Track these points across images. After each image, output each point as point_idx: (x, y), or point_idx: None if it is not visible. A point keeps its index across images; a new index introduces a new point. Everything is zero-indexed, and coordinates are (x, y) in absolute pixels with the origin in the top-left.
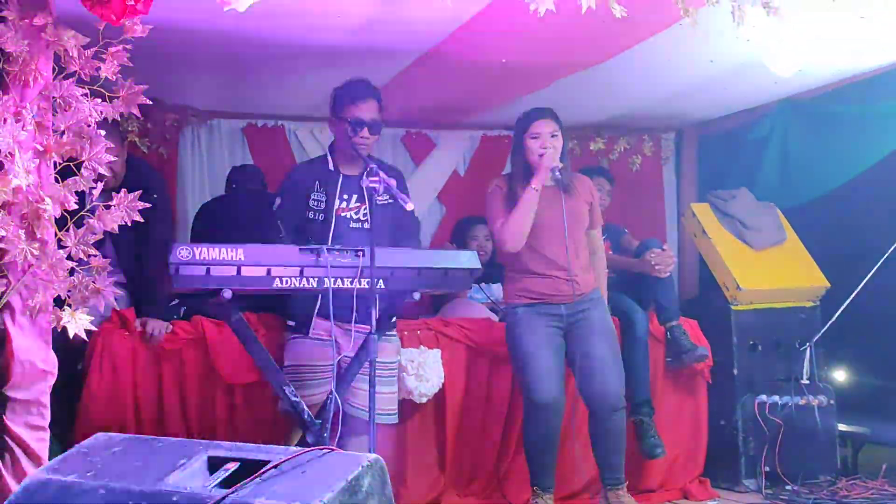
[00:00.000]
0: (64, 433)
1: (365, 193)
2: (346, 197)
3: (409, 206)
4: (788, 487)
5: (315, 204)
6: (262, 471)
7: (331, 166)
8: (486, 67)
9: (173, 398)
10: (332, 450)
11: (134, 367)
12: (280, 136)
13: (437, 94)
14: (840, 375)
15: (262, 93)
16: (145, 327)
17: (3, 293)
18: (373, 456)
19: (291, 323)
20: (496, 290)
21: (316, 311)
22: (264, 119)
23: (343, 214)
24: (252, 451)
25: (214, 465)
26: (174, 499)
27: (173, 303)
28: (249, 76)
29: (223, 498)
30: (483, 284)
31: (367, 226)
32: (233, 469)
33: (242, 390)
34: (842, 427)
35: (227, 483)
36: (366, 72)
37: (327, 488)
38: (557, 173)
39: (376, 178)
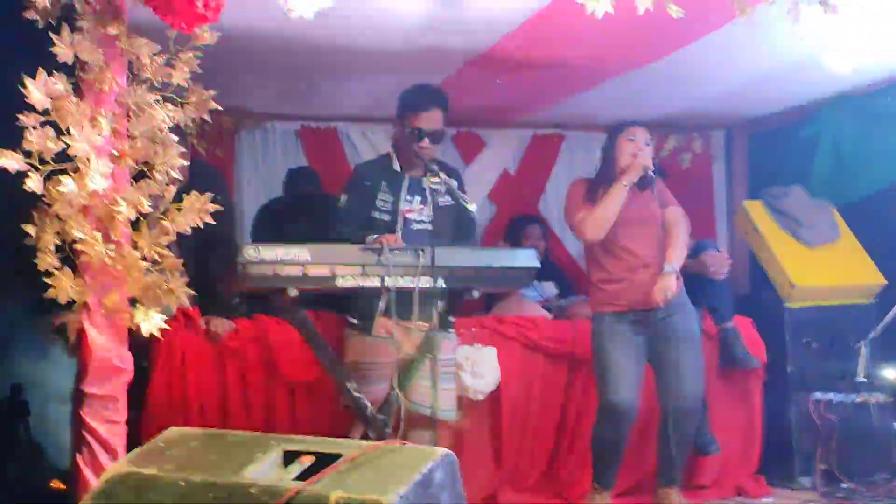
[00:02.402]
0: (129, 429)
1: (428, 195)
2: (409, 199)
3: (472, 206)
4: (844, 486)
5: (382, 204)
6: (337, 463)
7: (396, 167)
8: (540, 68)
9: (236, 395)
10: (405, 444)
11: (198, 364)
12: (333, 137)
13: (490, 94)
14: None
15: (317, 95)
16: (209, 325)
17: (81, 293)
18: (444, 450)
19: (354, 321)
20: (548, 287)
21: (380, 309)
22: (317, 121)
23: (408, 216)
24: (326, 444)
25: (289, 458)
26: (252, 490)
27: (236, 301)
28: (305, 79)
29: (300, 490)
30: (535, 282)
31: (430, 227)
32: (309, 462)
33: (304, 388)
34: None
35: (302, 476)
36: (420, 73)
37: (402, 481)
38: (650, 173)
39: (437, 180)
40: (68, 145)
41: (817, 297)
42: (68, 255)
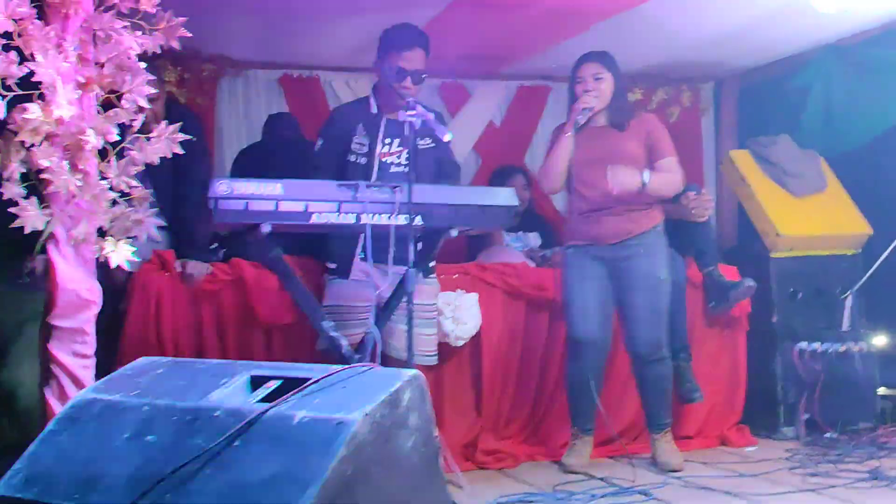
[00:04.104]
0: (105, 373)
1: (407, 132)
2: (387, 141)
3: (447, 137)
4: (828, 435)
5: (357, 147)
6: (303, 386)
7: (374, 109)
8: (522, 10)
9: (212, 339)
10: (373, 367)
11: (173, 308)
12: (315, 86)
13: (473, 41)
14: (881, 338)
15: (297, 42)
16: (185, 269)
17: (48, 223)
18: (413, 371)
19: (332, 265)
20: (532, 238)
21: (357, 253)
22: (300, 69)
23: (385, 159)
24: (293, 369)
25: (256, 383)
26: (216, 413)
27: (213, 246)
28: (284, 25)
29: (265, 411)
30: (520, 233)
31: (408, 170)
32: (274, 386)
33: (280, 332)
34: (881, 391)
35: (268, 399)
36: (399, 18)
37: (368, 400)
38: (581, 118)
39: (413, 112)
40: (33, 71)
41: (803, 246)
42: (34, 184)
